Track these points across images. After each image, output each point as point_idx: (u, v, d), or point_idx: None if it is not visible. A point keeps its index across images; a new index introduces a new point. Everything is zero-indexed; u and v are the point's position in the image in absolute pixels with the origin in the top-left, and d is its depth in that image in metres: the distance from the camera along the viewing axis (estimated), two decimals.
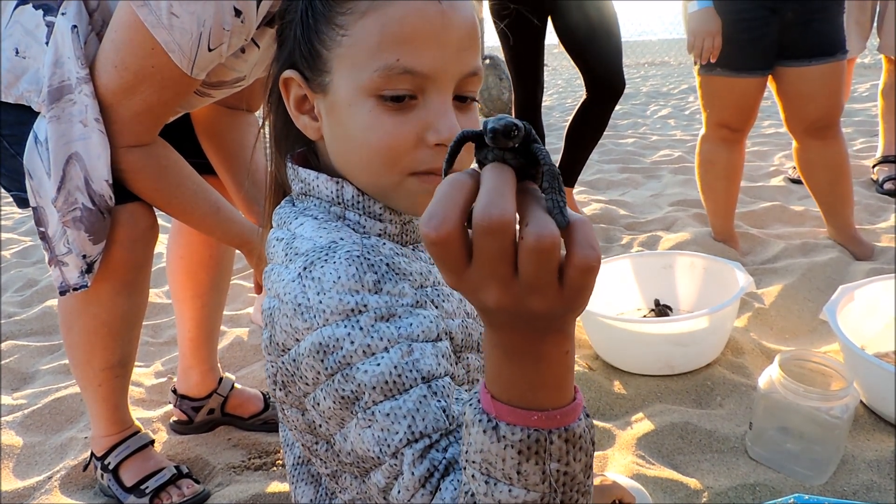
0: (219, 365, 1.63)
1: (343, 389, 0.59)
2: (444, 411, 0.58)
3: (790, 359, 1.33)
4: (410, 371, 0.59)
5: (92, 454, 1.40)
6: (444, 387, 0.60)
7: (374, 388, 0.58)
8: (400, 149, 0.65)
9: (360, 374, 0.58)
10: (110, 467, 1.37)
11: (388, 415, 0.58)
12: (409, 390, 0.58)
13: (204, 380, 1.58)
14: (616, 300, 1.95)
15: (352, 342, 0.58)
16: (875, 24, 2.93)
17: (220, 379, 1.61)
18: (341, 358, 0.59)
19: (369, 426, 0.59)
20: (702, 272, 1.93)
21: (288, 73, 0.70)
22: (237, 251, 1.37)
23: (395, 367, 0.58)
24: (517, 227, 0.41)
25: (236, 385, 1.63)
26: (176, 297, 1.56)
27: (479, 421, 0.47)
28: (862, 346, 1.57)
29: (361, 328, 0.59)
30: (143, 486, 1.34)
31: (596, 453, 1.39)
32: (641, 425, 1.46)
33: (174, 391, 1.61)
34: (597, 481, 0.85)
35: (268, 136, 0.79)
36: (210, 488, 1.40)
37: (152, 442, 1.43)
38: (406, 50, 0.63)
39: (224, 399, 1.60)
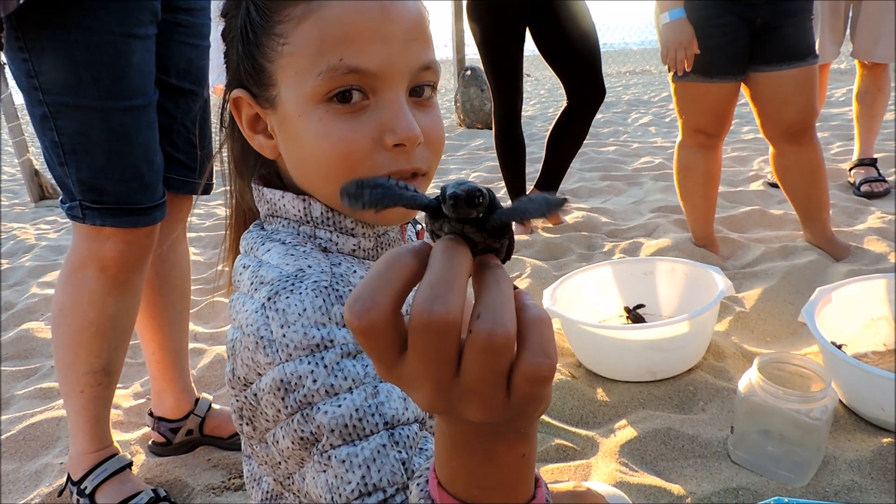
0: (193, 385, 1.61)
1: (302, 430, 0.56)
2: (404, 464, 0.54)
3: (769, 362, 1.33)
4: (373, 415, 0.55)
5: (68, 478, 1.38)
6: (408, 436, 0.56)
7: (332, 430, 0.55)
8: (357, 154, 0.61)
9: (319, 414, 0.55)
10: (87, 492, 1.34)
11: (343, 461, 0.54)
12: (369, 437, 0.55)
13: (179, 401, 1.56)
14: (598, 307, 1.95)
15: (314, 380, 0.55)
16: (848, 30, 2.97)
17: (197, 400, 1.59)
18: (302, 397, 0.55)
19: (324, 471, 0.55)
20: (682, 277, 1.93)
21: (236, 93, 0.67)
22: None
23: (357, 409, 0.55)
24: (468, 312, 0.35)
25: (214, 405, 1.61)
26: None
27: None
28: (841, 347, 1.58)
29: (326, 366, 0.55)
30: None
31: (579, 462, 1.38)
32: (624, 432, 1.46)
33: (151, 414, 1.58)
34: (570, 487, 0.84)
35: (226, 161, 0.76)
36: None
37: (130, 464, 1.40)
38: (348, 49, 0.60)
39: (202, 419, 1.57)
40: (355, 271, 0.64)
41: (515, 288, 0.39)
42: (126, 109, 1.17)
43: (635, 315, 1.91)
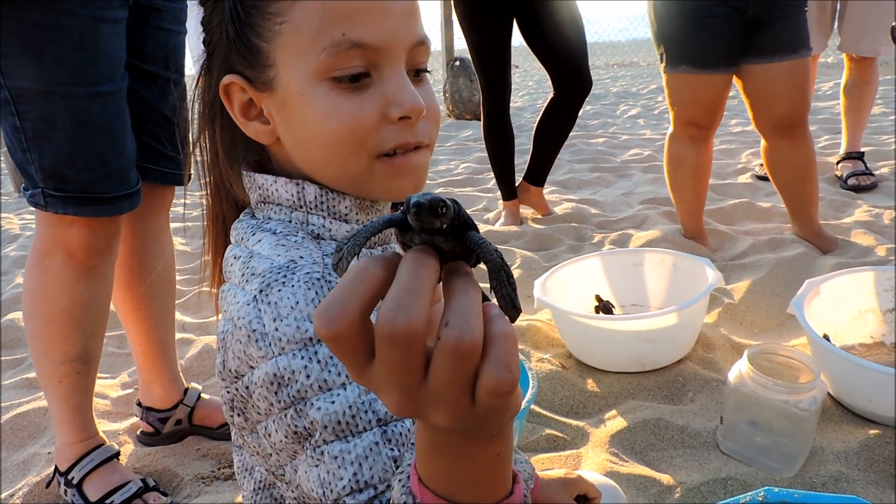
0: (181, 375, 1.59)
1: (295, 425, 0.56)
2: (396, 461, 0.55)
3: (758, 353, 1.34)
4: (366, 412, 0.55)
5: (55, 469, 1.37)
6: (400, 433, 0.56)
7: (325, 427, 0.55)
8: (364, 129, 0.62)
9: (313, 410, 0.55)
10: (74, 482, 1.33)
11: (336, 457, 0.54)
12: (362, 434, 0.55)
13: (167, 392, 1.55)
14: (588, 298, 1.96)
15: (308, 375, 0.55)
16: (836, 23, 2.98)
17: (186, 389, 1.58)
18: (295, 392, 0.55)
19: (317, 465, 0.56)
20: (672, 269, 1.94)
21: (228, 79, 0.65)
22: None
23: (351, 406, 0.55)
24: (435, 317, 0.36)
25: (203, 395, 1.60)
26: (117, 310, 1.51)
27: (405, 503, 0.44)
28: (827, 339, 1.59)
29: (319, 360, 0.55)
30: (108, 501, 1.31)
31: (570, 451, 1.39)
32: (614, 422, 1.47)
33: (139, 404, 1.57)
34: (561, 475, 0.84)
35: (204, 152, 0.74)
36: (178, 500, 1.37)
37: (118, 454, 1.39)
38: (351, 23, 0.60)
39: (191, 409, 1.56)
40: None
41: (486, 299, 0.40)
42: (92, 95, 1.13)
43: (605, 305, 1.92)
